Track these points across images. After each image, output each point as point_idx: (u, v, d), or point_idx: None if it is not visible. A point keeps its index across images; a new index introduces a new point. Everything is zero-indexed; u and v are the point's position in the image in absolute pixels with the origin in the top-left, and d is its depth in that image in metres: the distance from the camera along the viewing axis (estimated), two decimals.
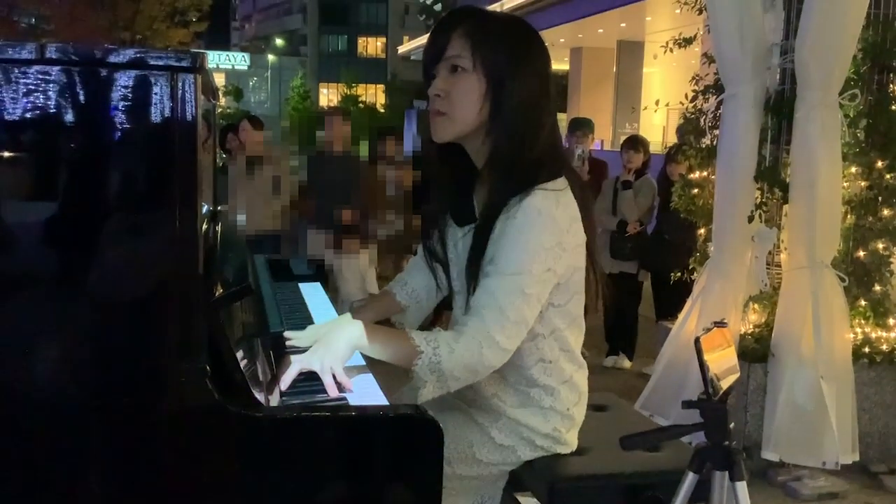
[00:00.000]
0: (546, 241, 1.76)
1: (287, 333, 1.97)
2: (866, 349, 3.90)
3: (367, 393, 1.75)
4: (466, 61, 1.79)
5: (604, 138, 16.74)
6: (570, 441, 1.98)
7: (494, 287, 1.74)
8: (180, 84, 1.44)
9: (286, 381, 1.70)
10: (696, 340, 1.64)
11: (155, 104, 1.44)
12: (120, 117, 1.44)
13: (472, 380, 1.78)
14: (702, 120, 4.35)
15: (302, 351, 1.82)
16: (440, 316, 3.92)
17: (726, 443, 1.69)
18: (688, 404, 1.67)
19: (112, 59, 1.43)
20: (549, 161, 1.83)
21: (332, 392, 1.69)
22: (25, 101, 1.41)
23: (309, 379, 1.73)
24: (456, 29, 1.81)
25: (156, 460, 1.51)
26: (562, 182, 1.82)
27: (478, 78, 1.79)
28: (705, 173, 4.37)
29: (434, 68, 1.84)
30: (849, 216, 3.94)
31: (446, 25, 1.82)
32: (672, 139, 8.03)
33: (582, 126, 6.07)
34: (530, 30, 1.89)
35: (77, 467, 1.50)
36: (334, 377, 1.71)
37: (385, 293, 2.18)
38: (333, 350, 1.72)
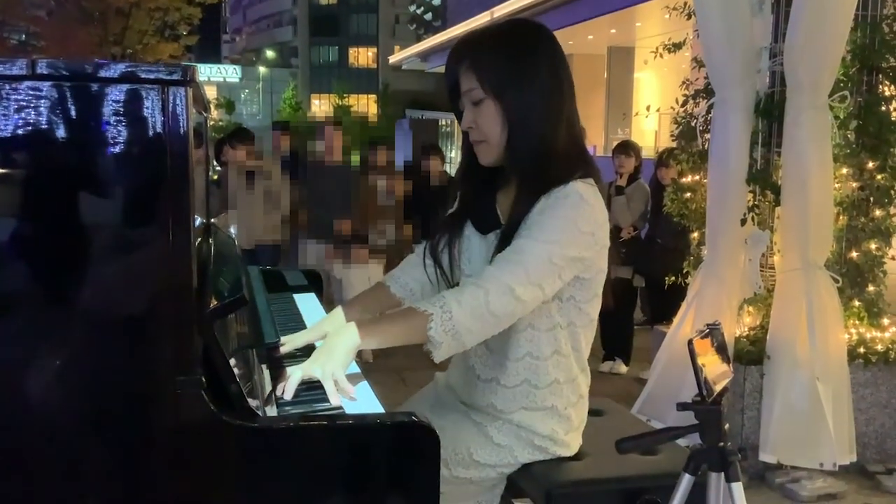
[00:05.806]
0: (583, 226, 1.81)
1: (283, 339, 1.98)
2: (861, 350, 3.91)
3: (363, 400, 1.75)
4: (479, 92, 1.87)
5: (596, 144, 16.78)
6: (570, 443, 1.98)
7: (524, 247, 1.78)
8: (171, 97, 1.44)
9: (289, 390, 1.71)
10: (690, 343, 1.65)
11: (146, 118, 1.44)
12: (112, 132, 1.44)
13: (486, 332, 1.77)
14: (693, 124, 4.37)
15: (298, 359, 1.83)
16: None
17: (721, 444, 1.69)
18: (682, 406, 1.68)
19: (103, 73, 1.44)
20: (577, 160, 1.89)
21: (335, 400, 1.69)
22: (17, 117, 1.41)
23: (310, 388, 1.73)
24: (461, 64, 1.89)
25: (153, 473, 1.51)
26: (593, 182, 1.88)
27: (493, 100, 1.86)
28: (697, 177, 4.39)
29: (459, 104, 1.93)
30: (841, 217, 3.95)
31: (453, 63, 1.91)
32: (664, 144, 8.05)
33: None
34: (530, 31, 1.93)
35: (74, 481, 1.50)
36: (336, 384, 1.72)
37: (379, 285, 2.20)
38: (335, 357, 1.74)
